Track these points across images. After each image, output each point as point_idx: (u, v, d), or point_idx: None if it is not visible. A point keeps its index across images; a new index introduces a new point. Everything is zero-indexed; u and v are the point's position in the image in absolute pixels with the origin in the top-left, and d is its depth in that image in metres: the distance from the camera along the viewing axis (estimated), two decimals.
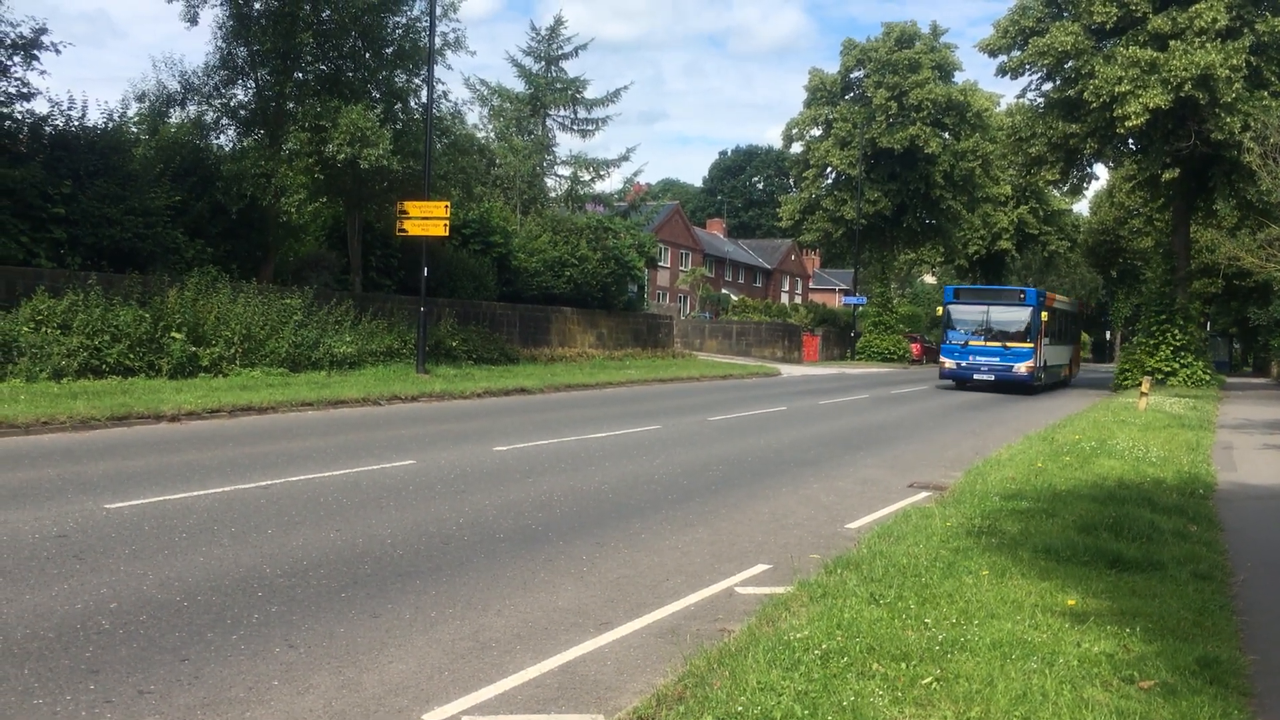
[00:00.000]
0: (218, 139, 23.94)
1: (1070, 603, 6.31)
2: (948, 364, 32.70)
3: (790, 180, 68.15)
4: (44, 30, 19.36)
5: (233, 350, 19.68)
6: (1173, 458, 14.04)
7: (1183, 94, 29.75)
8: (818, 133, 55.95)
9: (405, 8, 24.07)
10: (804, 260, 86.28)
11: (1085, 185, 40.56)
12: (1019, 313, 32.06)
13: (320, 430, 14.34)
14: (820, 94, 55.68)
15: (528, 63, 44.28)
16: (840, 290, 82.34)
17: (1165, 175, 33.16)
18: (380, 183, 23.47)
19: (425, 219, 22.87)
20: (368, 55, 23.78)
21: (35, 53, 19.44)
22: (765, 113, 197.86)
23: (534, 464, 12.14)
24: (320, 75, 23.19)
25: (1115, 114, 30.87)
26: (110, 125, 21.57)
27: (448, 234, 23.98)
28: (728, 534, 8.95)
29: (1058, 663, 5.15)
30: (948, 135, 53.95)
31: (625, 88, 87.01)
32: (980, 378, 31.83)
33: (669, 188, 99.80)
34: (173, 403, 14.85)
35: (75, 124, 20.51)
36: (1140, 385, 26.02)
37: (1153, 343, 34.76)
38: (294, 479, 10.27)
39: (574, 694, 5.13)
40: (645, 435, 15.82)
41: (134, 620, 5.77)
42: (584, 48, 45.64)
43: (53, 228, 18.84)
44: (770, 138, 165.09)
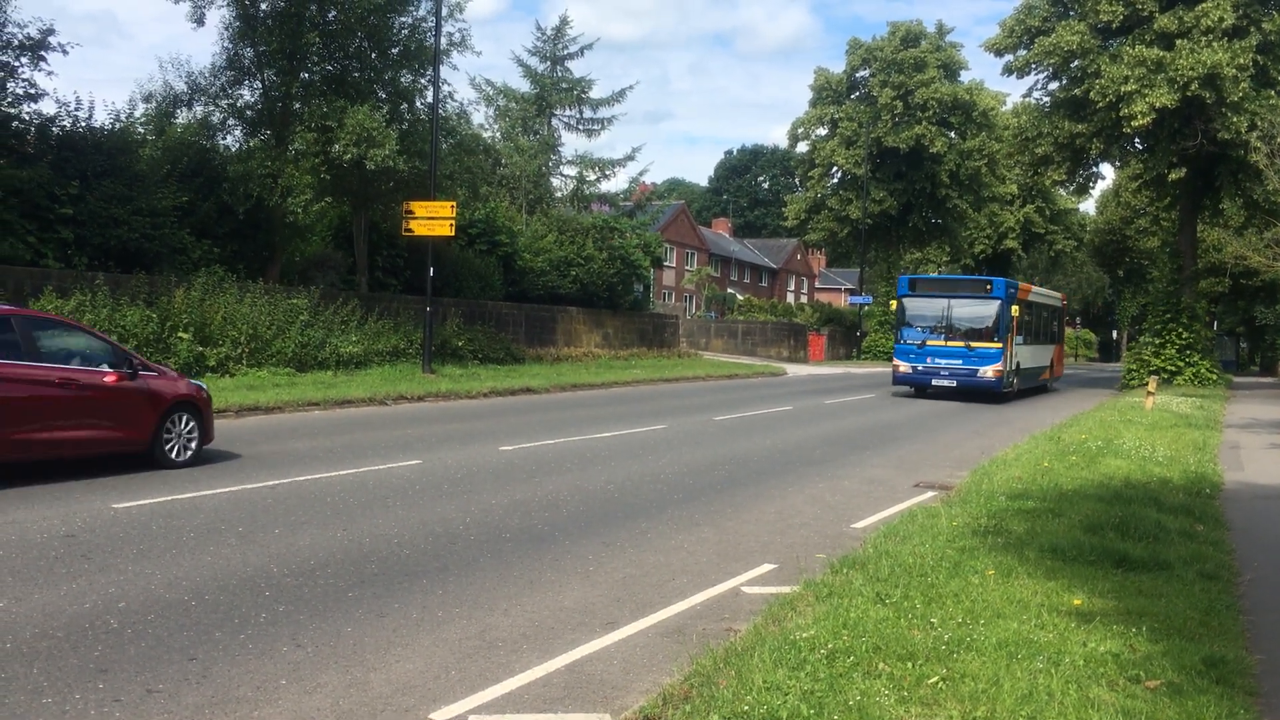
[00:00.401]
0: (224, 139, 24.11)
1: (1076, 602, 6.31)
2: (902, 367, 27.50)
3: (796, 180, 67.99)
4: (51, 31, 19.41)
5: (239, 350, 19.73)
6: (1179, 457, 14.01)
7: (1189, 93, 29.64)
8: (823, 132, 55.85)
9: (411, 8, 24.12)
10: (809, 260, 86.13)
11: (1091, 185, 40.51)
12: (985, 307, 26.82)
13: (326, 430, 14.38)
14: (826, 93, 55.59)
15: (533, 63, 44.40)
16: (846, 290, 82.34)
17: (1172, 175, 33.02)
18: (386, 183, 23.50)
19: (431, 219, 22.91)
20: (374, 55, 23.85)
21: (42, 53, 19.47)
22: (771, 112, 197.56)
23: (540, 463, 12.16)
24: (326, 76, 23.25)
25: (1121, 113, 30.75)
26: (117, 126, 21.62)
27: (453, 234, 24.05)
28: (734, 533, 8.96)
29: (1064, 662, 5.15)
30: (953, 134, 53.80)
31: (631, 87, 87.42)
32: (940, 383, 26.79)
33: (674, 187, 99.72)
34: None
35: (82, 125, 20.54)
36: (1147, 384, 25.94)
37: (1159, 342, 34.70)
38: (300, 479, 10.30)
39: (580, 693, 5.14)
40: (651, 435, 15.83)
41: (142, 619, 5.80)
42: (589, 47, 45.69)
43: (60, 228, 18.89)
44: (776, 137, 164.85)
